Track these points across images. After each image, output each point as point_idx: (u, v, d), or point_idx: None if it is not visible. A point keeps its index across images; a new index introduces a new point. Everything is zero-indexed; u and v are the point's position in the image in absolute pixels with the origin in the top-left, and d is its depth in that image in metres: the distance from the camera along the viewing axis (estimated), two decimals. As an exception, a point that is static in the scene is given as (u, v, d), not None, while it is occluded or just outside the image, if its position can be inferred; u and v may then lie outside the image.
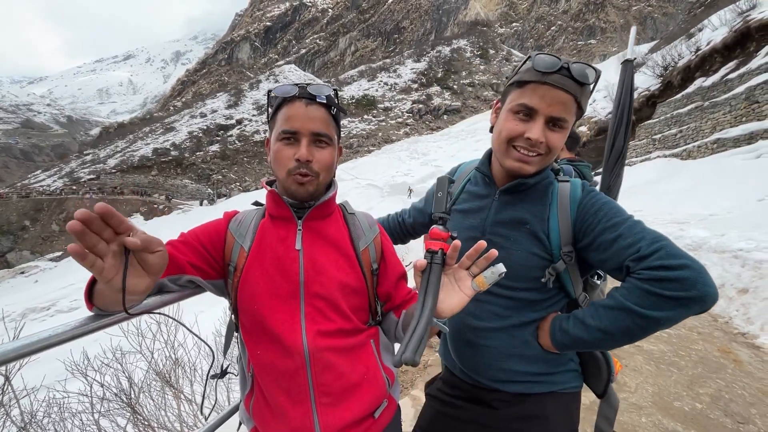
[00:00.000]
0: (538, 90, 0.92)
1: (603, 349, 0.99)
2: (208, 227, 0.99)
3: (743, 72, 13.77)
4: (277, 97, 0.95)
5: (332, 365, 0.91)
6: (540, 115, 0.93)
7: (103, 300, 0.75)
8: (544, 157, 0.97)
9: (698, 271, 0.77)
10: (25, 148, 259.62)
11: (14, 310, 18.92)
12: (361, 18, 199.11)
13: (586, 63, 0.93)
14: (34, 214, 66.12)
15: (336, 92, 0.98)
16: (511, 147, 0.98)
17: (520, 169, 0.98)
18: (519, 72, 0.98)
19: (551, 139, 0.94)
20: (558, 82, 0.91)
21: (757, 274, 4.33)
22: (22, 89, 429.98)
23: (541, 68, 0.92)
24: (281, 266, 0.93)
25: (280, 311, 0.91)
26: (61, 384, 2.70)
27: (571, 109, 0.93)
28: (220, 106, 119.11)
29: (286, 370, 0.90)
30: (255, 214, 1.02)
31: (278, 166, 0.93)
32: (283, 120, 0.92)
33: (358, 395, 0.93)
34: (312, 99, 0.92)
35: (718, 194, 8.79)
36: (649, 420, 2.47)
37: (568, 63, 0.91)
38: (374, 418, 0.96)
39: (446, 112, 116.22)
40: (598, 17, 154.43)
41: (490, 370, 1.07)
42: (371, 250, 1.02)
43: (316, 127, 0.91)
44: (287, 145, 0.92)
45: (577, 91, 0.92)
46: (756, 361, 3.27)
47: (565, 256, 0.97)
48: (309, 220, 0.97)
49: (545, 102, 0.92)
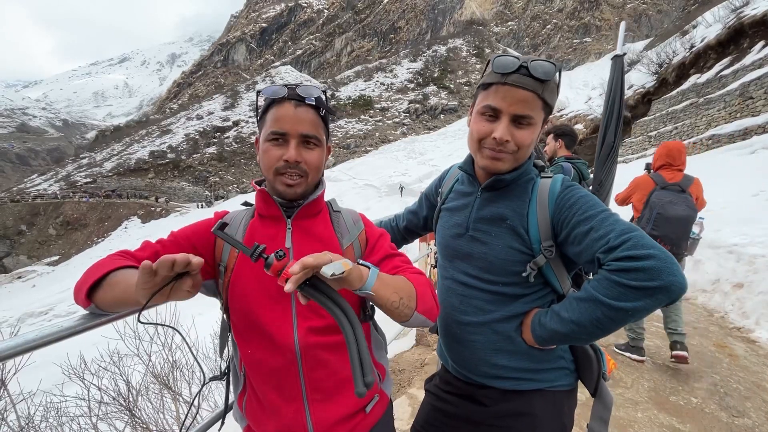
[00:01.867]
0: (500, 91, 0.96)
1: (579, 342, 0.99)
2: (198, 227, 0.99)
3: (737, 68, 13.85)
4: (267, 97, 0.95)
5: (323, 362, 0.91)
6: (504, 115, 0.96)
7: (108, 300, 0.78)
8: (514, 154, 0.99)
9: (664, 260, 0.77)
10: (21, 152, 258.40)
11: (11, 315, 18.84)
12: (356, 18, 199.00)
13: (545, 59, 0.95)
14: (31, 218, 65.85)
15: (326, 93, 0.99)
16: (482, 147, 1.02)
17: (492, 166, 1.01)
18: (484, 75, 1.02)
19: (518, 136, 0.97)
20: (517, 81, 0.94)
21: (752, 269, 4.36)
22: (17, 93, 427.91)
23: (500, 70, 0.95)
24: None
25: (271, 309, 0.91)
26: (58, 388, 2.69)
27: (534, 106, 0.95)
28: (217, 107, 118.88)
29: (277, 368, 0.90)
30: (245, 215, 1.03)
31: (266, 166, 0.94)
32: (272, 121, 0.92)
33: (350, 391, 0.94)
34: (301, 101, 0.93)
35: (713, 190, 8.80)
36: (645, 415, 2.48)
37: (527, 62, 0.94)
38: (365, 413, 0.97)
39: (443, 112, 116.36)
40: (593, 15, 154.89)
41: (478, 365, 1.08)
42: (356, 247, 1.02)
43: (305, 129, 0.92)
44: (276, 146, 0.92)
45: (537, 88, 0.94)
46: (751, 355, 3.30)
47: (545, 251, 0.98)
48: (298, 218, 0.98)
49: (507, 102, 0.95)
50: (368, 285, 0.76)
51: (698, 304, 4.57)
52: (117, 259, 0.86)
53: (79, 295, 0.82)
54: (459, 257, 1.11)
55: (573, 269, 1.06)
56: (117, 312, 0.88)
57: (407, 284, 0.88)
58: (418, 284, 0.90)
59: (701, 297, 4.66)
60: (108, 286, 0.79)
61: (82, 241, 58.00)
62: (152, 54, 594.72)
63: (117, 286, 0.77)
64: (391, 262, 1.00)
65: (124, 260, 0.86)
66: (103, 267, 0.82)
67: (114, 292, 0.78)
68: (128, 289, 0.73)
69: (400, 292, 0.84)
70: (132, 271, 0.78)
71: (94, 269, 0.83)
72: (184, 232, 0.97)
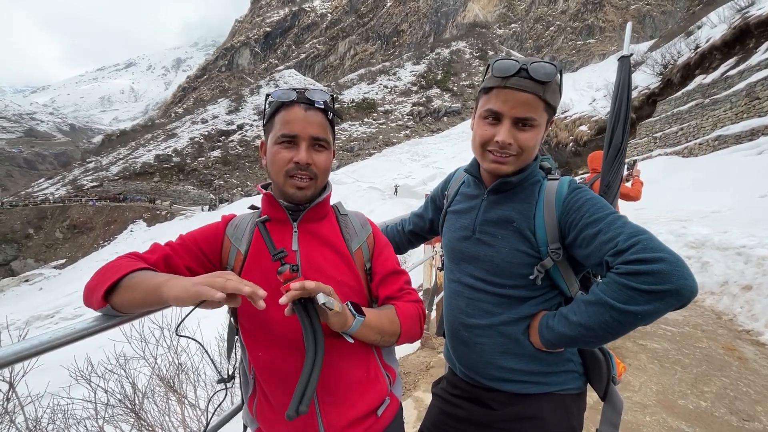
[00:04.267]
0: (501, 94, 0.97)
1: (588, 346, 0.99)
2: (206, 231, 1.00)
3: (743, 68, 13.74)
4: (275, 101, 0.96)
5: (334, 364, 0.91)
6: (506, 118, 0.97)
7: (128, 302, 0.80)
8: (518, 157, 0.99)
9: (674, 264, 0.76)
10: (28, 156, 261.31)
11: (19, 318, 19.00)
12: (360, 22, 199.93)
13: (546, 61, 0.95)
14: (38, 222, 66.43)
15: (333, 97, 1.00)
16: (486, 150, 1.02)
17: (497, 169, 1.02)
18: (485, 79, 1.03)
19: (521, 138, 0.97)
20: (517, 84, 0.94)
21: (761, 271, 4.31)
22: (25, 98, 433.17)
23: (500, 73, 0.96)
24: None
25: (279, 312, 0.91)
26: (65, 390, 2.71)
27: (536, 108, 0.95)
28: (221, 111, 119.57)
29: (288, 369, 0.91)
30: (251, 218, 1.03)
31: (276, 169, 0.94)
32: (281, 124, 0.93)
33: (361, 393, 0.94)
34: (310, 104, 0.94)
35: (720, 191, 8.76)
36: (654, 419, 2.45)
37: (527, 64, 0.94)
38: (377, 416, 0.97)
39: (446, 114, 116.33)
40: (597, 17, 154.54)
41: (486, 368, 1.07)
42: (364, 250, 1.03)
43: (315, 132, 0.93)
44: (286, 149, 0.93)
45: (538, 90, 0.94)
46: (761, 358, 3.25)
47: (552, 253, 0.97)
48: (304, 221, 0.99)
49: (508, 105, 0.96)
50: (351, 330, 0.86)
51: (706, 306, 4.52)
52: (131, 261, 0.86)
53: (94, 295, 0.81)
54: (465, 260, 1.11)
55: (581, 272, 1.06)
56: (133, 313, 0.88)
57: (393, 322, 0.95)
58: (405, 318, 0.97)
59: (709, 299, 4.60)
60: (127, 288, 0.79)
61: (88, 245, 58.43)
62: (158, 59, 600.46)
63: (138, 288, 0.78)
64: (396, 282, 1.04)
65: (138, 262, 0.86)
66: (119, 269, 0.82)
67: (134, 294, 0.78)
68: (151, 292, 0.75)
69: (382, 332, 0.93)
70: (151, 274, 0.80)
71: (108, 271, 0.83)
72: (192, 236, 0.98)
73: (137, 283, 0.78)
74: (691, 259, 5.18)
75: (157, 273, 0.82)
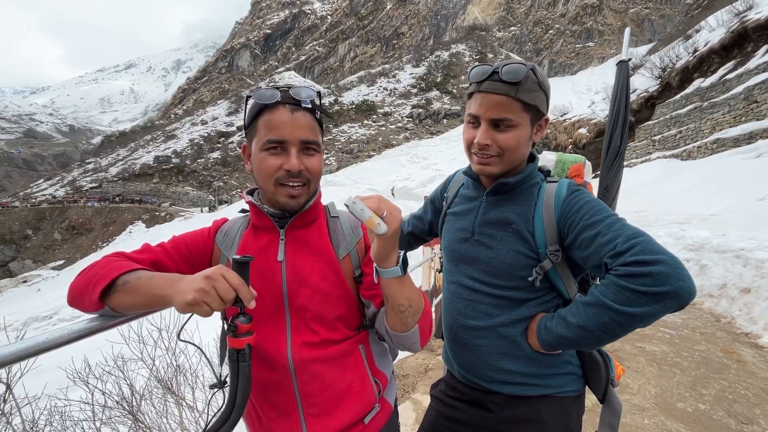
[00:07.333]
0: (477, 98, 1.01)
1: (586, 348, 0.98)
2: (197, 237, 0.98)
3: (741, 72, 13.82)
4: (257, 102, 0.87)
5: (319, 376, 0.90)
6: (482, 120, 1.00)
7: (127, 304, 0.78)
8: (500, 157, 1.01)
9: (673, 265, 0.76)
10: (27, 157, 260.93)
11: (17, 319, 18.90)
12: (360, 24, 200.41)
13: (518, 62, 0.97)
14: (37, 223, 66.30)
15: (319, 93, 0.92)
16: (471, 153, 1.06)
17: (482, 170, 1.05)
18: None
19: (500, 139, 0.99)
20: (489, 87, 0.97)
21: (759, 274, 4.31)
22: (24, 99, 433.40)
23: (474, 79, 1.01)
24: (263, 278, 0.90)
25: (265, 324, 0.89)
26: (62, 392, 2.70)
27: (511, 108, 0.97)
28: (221, 113, 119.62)
29: (271, 383, 0.89)
30: (240, 225, 1.01)
31: (264, 177, 0.88)
32: (267, 128, 0.86)
33: (347, 403, 0.92)
34: (297, 104, 0.87)
35: (719, 194, 8.78)
36: (652, 421, 2.45)
37: (499, 68, 0.96)
38: (364, 424, 0.95)
39: (446, 116, 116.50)
40: (596, 20, 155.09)
41: (484, 370, 1.07)
42: (353, 256, 0.97)
43: (305, 135, 0.87)
44: (273, 155, 0.86)
45: (510, 91, 0.96)
46: (759, 361, 3.26)
47: (551, 255, 0.98)
48: (292, 228, 0.94)
49: (483, 107, 0.99)
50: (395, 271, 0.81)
51: (705, 309, 4.52)
52: (121, 261, 0.83)
53: (87, 297, 0.79)
54: (464, 261, 1.11)
55: (579, 274, 1.06)
56: (131, 314, 0.86)
57: (421, 299, 0.89)
58: (427, 303, 0.93)
59: (708, 302, 4.61)
60: (125, 290, 0.77)
61: (87, 246, 58.30)
62: (158, 60, 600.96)
63: (139, 290, 0.76)
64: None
65: (128, 262, 0.84)
66: (110, 270, 0.79)
67: (134, 297, 0.76)
68: (152, 294, 0.74)
69: (411, 300, 0.85)
70: (147, 276, 0.78)
71: (99, 272, 0.80)
72: (184, 239, 0.97)
73: (138, 286, 0.76)
74: (690, 261, 5.19)
75: (153, 274, 0.80)
